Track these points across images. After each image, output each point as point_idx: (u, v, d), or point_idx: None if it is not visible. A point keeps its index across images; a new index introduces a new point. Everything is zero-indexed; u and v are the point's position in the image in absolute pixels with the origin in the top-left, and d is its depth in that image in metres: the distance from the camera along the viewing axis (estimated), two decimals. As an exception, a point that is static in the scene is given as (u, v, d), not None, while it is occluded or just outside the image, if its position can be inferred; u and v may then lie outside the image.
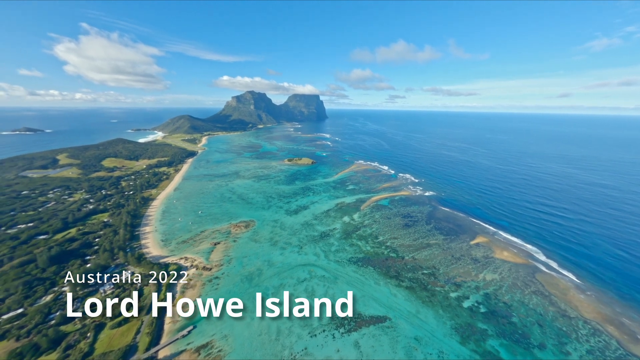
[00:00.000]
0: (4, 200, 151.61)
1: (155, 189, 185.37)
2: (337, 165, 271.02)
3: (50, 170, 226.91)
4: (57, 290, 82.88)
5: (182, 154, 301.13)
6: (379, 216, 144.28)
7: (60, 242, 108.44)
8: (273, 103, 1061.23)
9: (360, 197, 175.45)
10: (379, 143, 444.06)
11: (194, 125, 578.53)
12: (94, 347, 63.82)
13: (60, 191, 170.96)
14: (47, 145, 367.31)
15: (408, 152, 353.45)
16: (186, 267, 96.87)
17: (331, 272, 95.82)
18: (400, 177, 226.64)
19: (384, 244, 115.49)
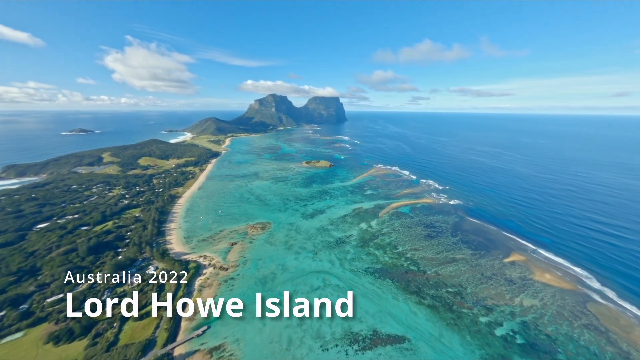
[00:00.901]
0: (58, 193, 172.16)
1: (181, 187, 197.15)
2: (356, 168, 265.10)
3: (96, 167, 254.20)
4: (92, 278, 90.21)
5: (207, 155, 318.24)
6: (398, 224, 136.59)
7: (98, 233, 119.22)
8: (293, 105, 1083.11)
9: (378, 203, 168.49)
10: (399, 146, 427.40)
11: (219, 127, 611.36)
12: (118, 338, 67.71)
13: (102, 186, 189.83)
14: (95, 144, 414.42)
15: (431, 157, 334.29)
16: (204, 265, 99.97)
17: (346, 282, 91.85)
18: (423, 184, 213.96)
19: (403, 255, 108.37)
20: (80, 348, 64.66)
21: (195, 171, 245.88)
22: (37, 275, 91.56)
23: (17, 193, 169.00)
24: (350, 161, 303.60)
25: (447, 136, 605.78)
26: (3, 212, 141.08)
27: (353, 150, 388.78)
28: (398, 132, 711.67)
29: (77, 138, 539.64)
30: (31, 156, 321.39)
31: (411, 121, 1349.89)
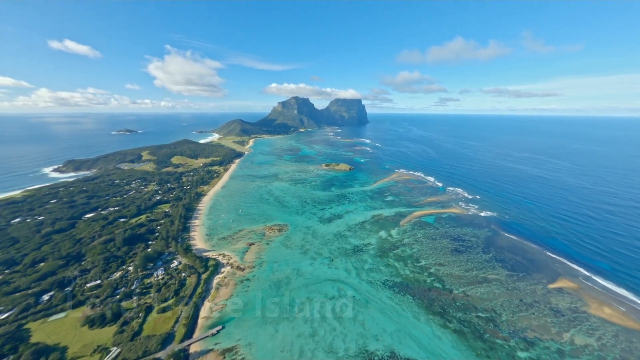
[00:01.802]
0: (104, 187, 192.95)
1: (207, 186, 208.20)
2: (376, 173, 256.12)
3: (136, 164, 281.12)
4: (125, 268, 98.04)
5: (232, 155, 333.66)
6: (421, 235, 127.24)
7: (133, 225, 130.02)
8: (315, 108, 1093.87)
9: (399, 210, 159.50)
10: (424, 151, 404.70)
11: (244, 129, 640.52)
12: (142, 328, 71.72)
13: (139, 182, 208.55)
14: (137, 143, 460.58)
15: (460, 163, 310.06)
16: (223, 264, 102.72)
17: (362, 294, 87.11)
18: (450, 191, 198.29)
19: (426, 269, 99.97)
20: (110, 334, 69.70)
21: (220, 170, 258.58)
22: (81, 260, 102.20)
23: (72, 185, 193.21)
24: (371, 165, 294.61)
25: (478, 140, 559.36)
26: (60, 201, 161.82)
27: (374, 153, 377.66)
28: (423, 135, 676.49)
29: (123, 137, 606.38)
30: (86, 152, 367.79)
31: (438, 124, 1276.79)
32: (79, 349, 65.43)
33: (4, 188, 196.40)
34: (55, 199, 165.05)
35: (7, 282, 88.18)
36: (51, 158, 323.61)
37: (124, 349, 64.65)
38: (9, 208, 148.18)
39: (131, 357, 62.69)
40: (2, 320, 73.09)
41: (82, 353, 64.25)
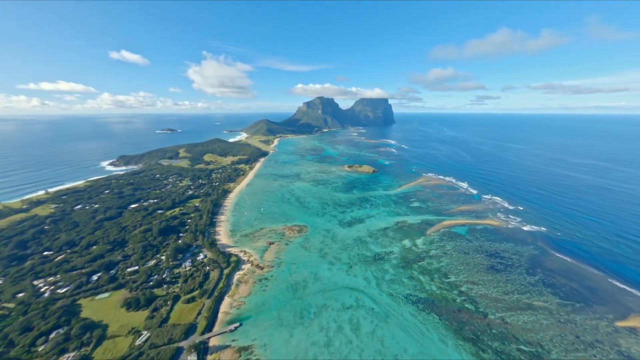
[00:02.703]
0: (146, 181, 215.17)
1: (233, 183, 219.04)
2: (402, 176, 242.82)
3: (174, 160, 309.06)
4: (159, 257, 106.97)
5: (257, 154, 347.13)
6: (451, 247, 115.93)
7: (167, 217, 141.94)
8: (340, 108, 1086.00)
9: (426, 218, 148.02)
10: (457, 154, 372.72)
11: (270, 128, 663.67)
12: (169, 316, 76.93)
13: (175, 177, 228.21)
14: (176, 141, 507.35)
15: (499, 168, 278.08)
16: (244, 261, 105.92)
17: (382, 307, 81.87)
18: (486, 200, 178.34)
19: (456, 287, 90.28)
20: (142, 318, 76.10)
21: (246, 169, 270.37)
22: (124, 247, 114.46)
23: (122, 178, 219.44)
24: (396, 167, 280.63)
25: (522, 143, 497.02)
26: (112, 192, 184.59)
27: (400, 155, 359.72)
28: (455, 136, 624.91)
29: (165, 136, 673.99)
30: (135, 149, 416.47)
31: (473, 124, 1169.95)
32: (117, 329, 72.59)
33: (72, 178, 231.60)
34: (108, 189, 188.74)
35: (68, 261, 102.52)
36: (108, 153, 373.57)
37: (153, 334, 69.84)
38: (74, 196, 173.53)
39: (158, 343, 67.37)
40: (61, 295, 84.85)
41: (119, 333, 71.07)
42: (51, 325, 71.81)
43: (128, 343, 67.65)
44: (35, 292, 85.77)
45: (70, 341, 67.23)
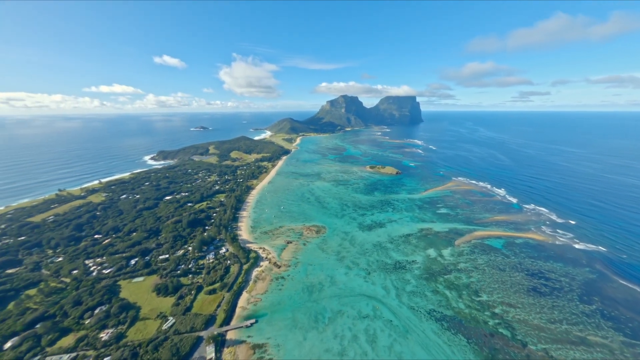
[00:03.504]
0: (180, 175, 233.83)
1: (256, 180, 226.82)
2: (428, 179, 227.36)
3: (204, 156, 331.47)
4: (186, 247, 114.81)
5: (280, 152, 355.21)
6: (483, 262, 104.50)
7: (196, 210, 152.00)
8: (364, 106, 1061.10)
9: (455, 227, 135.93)
10: (493, 156, 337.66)
11: (293, 127, 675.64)
12: (192, 305, 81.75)
13: (204, 173, 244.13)
14: (207, 138, 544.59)
15: (546, 174, 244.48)
16: (262, 258, 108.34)
17: (402, 320, 76.74)
18: (528, 210, 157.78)
19: (489, 308, 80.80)
20: (170, 304, 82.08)
21: (268, 166, 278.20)
22: (158, 235, 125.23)
23: (159, 172, 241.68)
24: (422, 170, 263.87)
25: (577, 146, 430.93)
26: (151, 184, 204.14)
27: (426, 157, 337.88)
28: (492, 137, 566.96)
29: (198, 133, 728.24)
30: (172, 145, 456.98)
31: (515, 123, 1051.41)
32: (148, 311, 79.30)
33: (120, 170, 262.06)
34: (148, 182, 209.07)
35: (112, 245, 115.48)
36: (150, 148, 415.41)
37: (177, 321, 74.75)
38: (120, 186, 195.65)
39: (181, 330, 71.85)
40: (105, 275, 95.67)
41: (149, 316, 77.51)
42: (96, 301, 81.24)
43: (156, 326, 73.37)
44: (86, 271, 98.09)
45: (110, 318, 75.21)
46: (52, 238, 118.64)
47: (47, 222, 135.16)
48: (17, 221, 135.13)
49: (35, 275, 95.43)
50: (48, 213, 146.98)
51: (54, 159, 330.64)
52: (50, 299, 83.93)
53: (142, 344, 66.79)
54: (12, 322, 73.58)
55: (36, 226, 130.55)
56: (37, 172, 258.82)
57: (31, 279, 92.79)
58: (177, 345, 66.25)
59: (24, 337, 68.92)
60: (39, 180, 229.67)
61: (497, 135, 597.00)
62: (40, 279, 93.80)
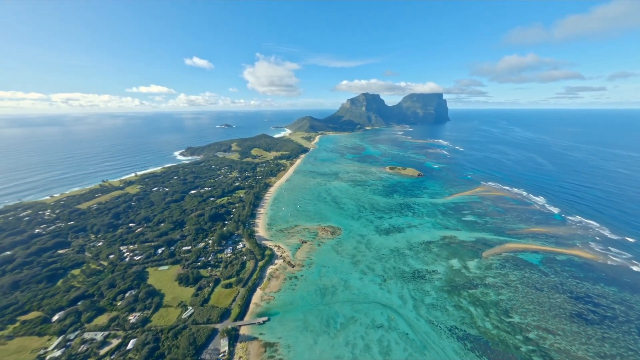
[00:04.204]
0: (204, 171, 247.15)
1: (274, 177, 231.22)
2: (453, 183, 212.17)
3: (227, 153, 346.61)
4: (207, 241, 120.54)
5: (298, 150, 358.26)
6: (516, 278, 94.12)
7: (217, 205, 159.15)
8: (385, 104, 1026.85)
9: (483, 236, 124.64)
10: (531, 160, 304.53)
11: (312, 125, 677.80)
12: (210, 297, 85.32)
13: (227, 169, 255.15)
14: (230, 135, 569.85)
15: (598, 182, 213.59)
16: (277, 255, 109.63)
17: (419, 334, 72.00)
18: (573, 223, 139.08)
19: (521, 331, 72.30)
20: (189, 294, 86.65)
21: (287, 164, 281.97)
22: (182, 227, 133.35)
23: (187, 167, 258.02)
24: (447, 172, 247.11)
25: (639, 150, 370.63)
26: (179, 178, 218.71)
27: (452, 158, 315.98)
28: (531, 138, 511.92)
29: (223, 130, 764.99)
30: (199, 141, 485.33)
31: (559, 123, 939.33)
32: (170, 299, 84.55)
33: (154, 164, 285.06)
34: (176, 176, 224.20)
35: (143, 234, 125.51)
36: (180, 144, 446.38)
37: (196, 311, 78.51)
38: (153, 179, 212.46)
39: (199, 320, 75.31)
40: (136, 261, 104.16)
41: (171, 303, 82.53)
42: (127, 285, 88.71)
43: (177, 315, 77.84)
44: (120, 256, 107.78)
45: (138, 302, 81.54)
46: (94, 224, 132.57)
47: (91, 210, 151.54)
48: (68, 207, 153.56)
49: (80, 257, 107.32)
50: (92, 201, 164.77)
51: (100, 153, 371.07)
52: (91, 279, 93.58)
53: (164, 330, 71.25)
54: (59, 298, 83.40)
55: (82, 213, 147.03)
56: (86, 164, 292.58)
57: (76, 260, 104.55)
58: (194, 335, 69.49)
59: (67, 312, 77.65)
60: (87, 171, 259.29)
61: (537, 136, 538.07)
62: (83, 260, 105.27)
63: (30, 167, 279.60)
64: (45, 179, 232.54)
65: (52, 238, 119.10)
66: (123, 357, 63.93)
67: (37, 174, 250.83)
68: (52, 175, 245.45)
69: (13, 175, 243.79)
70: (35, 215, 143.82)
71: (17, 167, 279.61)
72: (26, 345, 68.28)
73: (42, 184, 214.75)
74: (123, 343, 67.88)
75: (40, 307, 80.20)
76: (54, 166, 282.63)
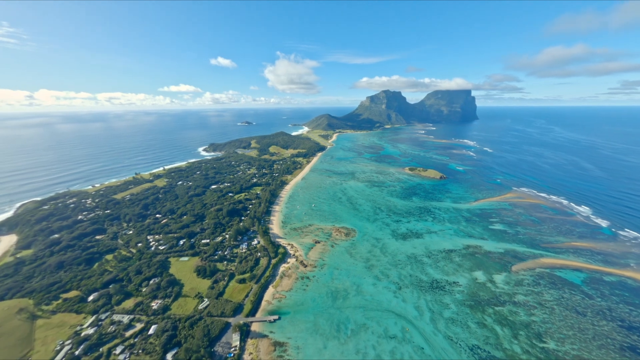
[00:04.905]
0: (224, 167, 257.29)
1: (290, 175, 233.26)
2: (480, 187, 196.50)
3: (246, 150, 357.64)
4: (224, 235, 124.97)
5: (315, 148, 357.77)
6: (552, 299, 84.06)
7: (234, 201, 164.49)
8: (407, 102, 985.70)
9: (513, 248, 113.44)
10: (575, 164, 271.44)
11: (330, 123, 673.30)
12: (224, 291, 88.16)
13: (245, 165, 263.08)
14: (250, 132, 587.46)
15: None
16: (290, 254, 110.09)
17: (436, 351, 67.29)
18: (626, 239, 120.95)
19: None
20: (206, 286, 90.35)
21: (303, 162, 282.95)
22: (203, 220, 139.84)
23: (209, 162, 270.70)
24: (473, 175, 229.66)
25: None
26: (201, 173, 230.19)
27: (479, 160, 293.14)
28: (576, 139, 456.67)
29: (243, 127, 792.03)
30: (222, 138, 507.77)
31: (610, 122, 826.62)
32: (188, 289, 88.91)
33: (180, 159, 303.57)
34: (199, 171, 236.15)
35: (167, 225, 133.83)
36: (203, 140, 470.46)
37: (211, 304, 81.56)
38: (178, 174, 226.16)
39: (213, 313, 78.10)
40: (160, 251, 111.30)
41: (189, 294, 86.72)
42: (151, 273, 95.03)
43: (193, 305, 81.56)
44: (147, 245, 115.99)
45: (160, 290, 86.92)
46: (127, 213, 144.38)
47: (124, 200, 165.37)
48: (105, 197, 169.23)
49: (113, 243, 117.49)
50: (126, 192, 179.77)
51: (135, 147, 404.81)
52: (121, 265, 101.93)
53: (182, 319, 74.99)
54: (94, 280, 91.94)
55: (117, 202, 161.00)
56: (122, 157, 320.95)
57: (110, 246, 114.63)
58: (208, 327, 72.15)
59: (100, 294, 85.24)
60: (123, 164, 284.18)
61: (582, 137, 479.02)
62: (116, 246, 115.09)
63: (78, 159, 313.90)
64: (89, 170, 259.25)
65: (92, 224, 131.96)
66: (145, 342, 68.42)
67: (83, 165, 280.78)
68: (94, 166, 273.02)
69: (64, 166, 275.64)
70: (79, 202, 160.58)
71: (68, 158, 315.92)
72: (66, 320, 76.22)
73: (87, 175, 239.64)
74: (145, 328, 72.73)
75: (79, 287, 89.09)
76: (97, 158, 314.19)
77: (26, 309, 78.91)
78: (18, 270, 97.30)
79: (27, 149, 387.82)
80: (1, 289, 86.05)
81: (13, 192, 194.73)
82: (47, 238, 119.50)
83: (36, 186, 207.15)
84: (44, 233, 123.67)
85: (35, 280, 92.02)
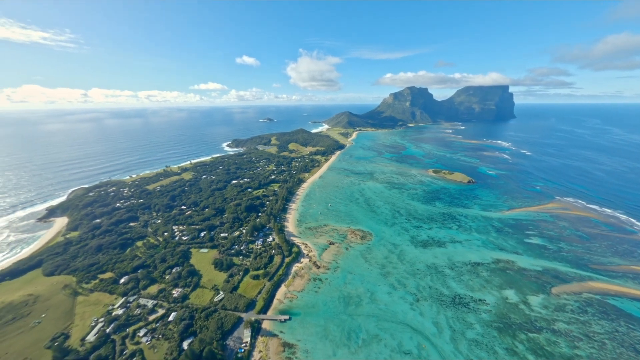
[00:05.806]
0: (245, 162, 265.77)
1: (308, 173, 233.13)
2: (515, 194, 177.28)
3: (266, 146, 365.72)
4: (241, 230, 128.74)
5: (334, 146, 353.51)
6: (603, 330, 72.22)
7: (253, 197, 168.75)
8: (434, 99, 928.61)
9: (554, 267, 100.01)
10: (637, 171, 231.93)
11: (350, 121, 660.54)
12: (239, 285, 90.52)
13: (265, 162, 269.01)
14: (271, 129, 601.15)
15: None
16: (304, 254, 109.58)
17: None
18: None
19: (606, 404, 54.66)
20: (222, 279, 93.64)
21: (321, 160, 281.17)
22: (222, 214, 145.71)
23: (231, 158, 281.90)
24: (507, 181, 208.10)
25: None
26: (223, 168, 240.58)
27: (515, 164, 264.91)
28: (638, 142, 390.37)
29: (265, 124, 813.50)
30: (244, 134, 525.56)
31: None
32: (206, 281, 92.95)
33: (205, 154, 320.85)
34: (222, 166, 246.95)
35: (191, 217, 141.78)
36: (227, 136, 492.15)
37: (226, 297, 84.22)
38: (203, 168, 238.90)
39: (227, 306, 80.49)
40: (183, 241, 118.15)
41: (206, 285, 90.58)
42: (174, 262, 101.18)
43: (209, 297, 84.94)
44: (172, 235, 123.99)
45: (180, 279, 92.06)
46: (157, 204, 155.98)
47: (155, 191, 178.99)
48: (140, 187, 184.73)
49: (144, 230, 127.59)
50: (157, 184, 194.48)
51: (167, 141, 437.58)
52: (149, 252, 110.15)
53: (198, 309, 78.49)
54: (126, 264, 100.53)
55: (149, 193, 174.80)
56: (155, 151, 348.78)
57: (141, 234, 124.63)
58: (222, 320, 74.50)
59: (130, 277, 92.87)
60: (155, 157, 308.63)
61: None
62: (145, 234, 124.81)
63: (120, 151, 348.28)
64: (129, 161, 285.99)
65: (127, 212, 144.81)
66: (165, 327, 72.82)
67: (124, 157, 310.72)
68: (133, 159, 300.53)
69: (109, 157, 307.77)
70: (118, 191, 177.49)
71: (113, 150, 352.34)
72: (101, 299, 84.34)
73: (126, 166, 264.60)
74: (166, 314, 77.49)
75: (113, 269, 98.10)
76: (135, 151, 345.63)
77: (70, 285, 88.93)
78: (66, 250, 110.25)
79: (80, 141, 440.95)
80: (52, 265, 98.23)
81: (68, 179, 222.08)
82: (90, 222, 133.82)
83: (85, 174, 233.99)
84: (88, 217, 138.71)
85: (79, 260, 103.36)
